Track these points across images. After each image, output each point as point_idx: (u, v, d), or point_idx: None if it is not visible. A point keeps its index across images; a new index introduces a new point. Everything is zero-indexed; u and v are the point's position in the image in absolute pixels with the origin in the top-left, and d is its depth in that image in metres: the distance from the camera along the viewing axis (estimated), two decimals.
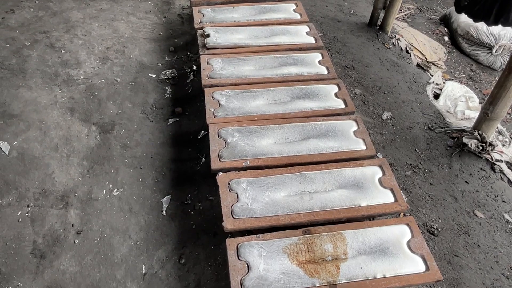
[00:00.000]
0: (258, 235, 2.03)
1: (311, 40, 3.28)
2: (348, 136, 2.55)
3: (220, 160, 2.36)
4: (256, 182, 2.25)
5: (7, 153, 2.60)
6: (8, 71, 3.18)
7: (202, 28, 3.32)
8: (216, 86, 2.85)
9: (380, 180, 2.30)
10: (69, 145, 2.76)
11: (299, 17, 3.55)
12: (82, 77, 3.28)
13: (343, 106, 2.75)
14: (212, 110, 2.66)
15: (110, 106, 3.08)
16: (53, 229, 2.35)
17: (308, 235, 2.04)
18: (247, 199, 2.17)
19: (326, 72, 3.01)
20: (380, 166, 2.38)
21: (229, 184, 2.24)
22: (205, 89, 2.81)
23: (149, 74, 3.43)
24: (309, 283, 1.86)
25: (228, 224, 2.06)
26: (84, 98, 3.10)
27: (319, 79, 2.94)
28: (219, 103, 2.71)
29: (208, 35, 3.20)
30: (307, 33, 3.35)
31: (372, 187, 2.27)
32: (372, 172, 2.35)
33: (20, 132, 2.74)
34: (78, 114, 2.97)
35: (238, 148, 2.42)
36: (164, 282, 2.18)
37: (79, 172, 2.64)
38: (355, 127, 2.60)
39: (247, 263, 1.92)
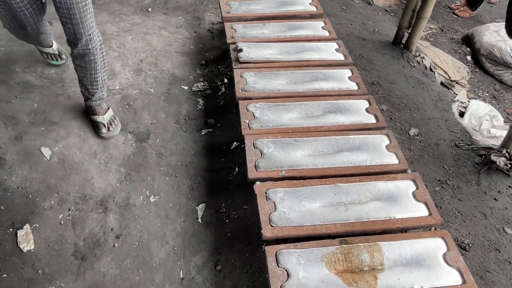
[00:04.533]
0: (296, 244, 2.09)
1: (340, 57, 3.37)
2: (381, 150, 2.60)
3: (256, 170, 2.43)
4: (293, 192, 2.32)
5: (48, 158, 2.70)
6: (48, 80, 3.31)
7: (234, 43, 3.44)
8: (250, 98, 2.94)
9: (413, 194, 2.35)
10: (107, 152, 2.85)
11: (327, 34, 3.64)
12: (117, 87, 3.39)
13: (374, 121, 2.81)
14: (247, 121, 2.74)
15: (145, 116, 3.18)
16: (93, 232, 2.42)
17: (344, 245, 2.09)
18: (284, 208, 2.23)
19: (356, 87, 3.08)
20: (413, 180, 2.42)
21: (266, 193, 2.31)
22: (239, 101, 2.90)
23: (182, 86, 3.54)
24: None
25: (267, 232, 2.12)
26: (120, 107, 3.21)
27: (349, 94, 3.02)
28: (253, 115, 2.79)
29: (241, 50, 3.31)
30: (336, 50, 3.45)
31: (406, 200, 2.32)
32: (406, 185, 2.39)
33: (61, 139, 2.84)
34: None
35: (274, 159, 2.49)
36: None
37: (117, 178, 2.72)
38: (387, 142, 2.66)
39: (286, 270, 1.97)
